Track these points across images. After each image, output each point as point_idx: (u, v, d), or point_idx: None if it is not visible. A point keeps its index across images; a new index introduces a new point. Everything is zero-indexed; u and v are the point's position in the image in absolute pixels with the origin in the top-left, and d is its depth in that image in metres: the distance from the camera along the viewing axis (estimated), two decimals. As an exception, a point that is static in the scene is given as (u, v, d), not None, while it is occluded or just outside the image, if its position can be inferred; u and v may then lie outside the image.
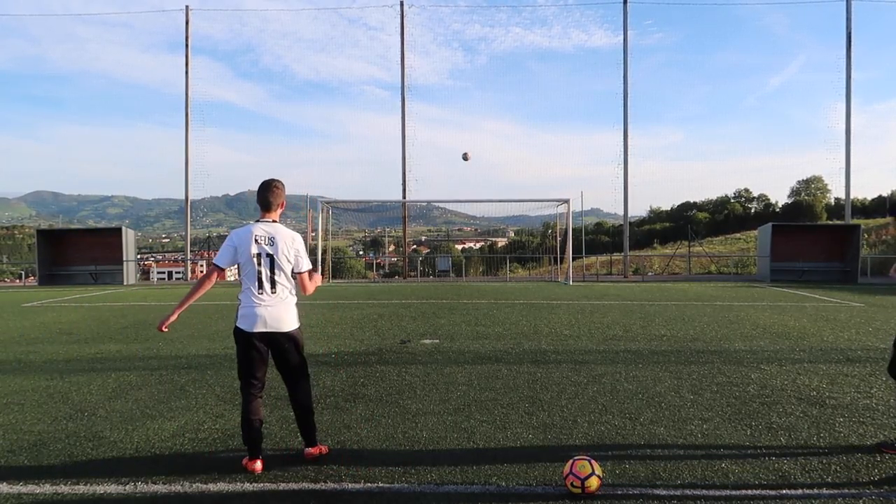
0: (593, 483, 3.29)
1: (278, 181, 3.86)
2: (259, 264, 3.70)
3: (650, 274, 30.21)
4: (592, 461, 3.36)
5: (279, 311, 3.72)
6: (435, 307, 13.00)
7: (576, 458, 3.40)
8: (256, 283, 3.71)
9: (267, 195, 3.80)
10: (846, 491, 3.40)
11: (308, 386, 3.94)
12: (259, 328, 3.69)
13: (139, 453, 4.05)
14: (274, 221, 3.82)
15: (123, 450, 4.12)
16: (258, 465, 3.71)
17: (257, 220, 3.82)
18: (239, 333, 3.76)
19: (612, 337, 8.80)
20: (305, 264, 3.84)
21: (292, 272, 3.79)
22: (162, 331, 3.83)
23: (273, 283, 3.71)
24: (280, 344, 3.78)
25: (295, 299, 3.82)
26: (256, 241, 3.72)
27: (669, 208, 75.55)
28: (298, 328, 3.85)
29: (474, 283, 23.35)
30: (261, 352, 3.76)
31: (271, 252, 3.71)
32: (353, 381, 6.03)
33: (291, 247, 3.75)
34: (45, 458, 3.96)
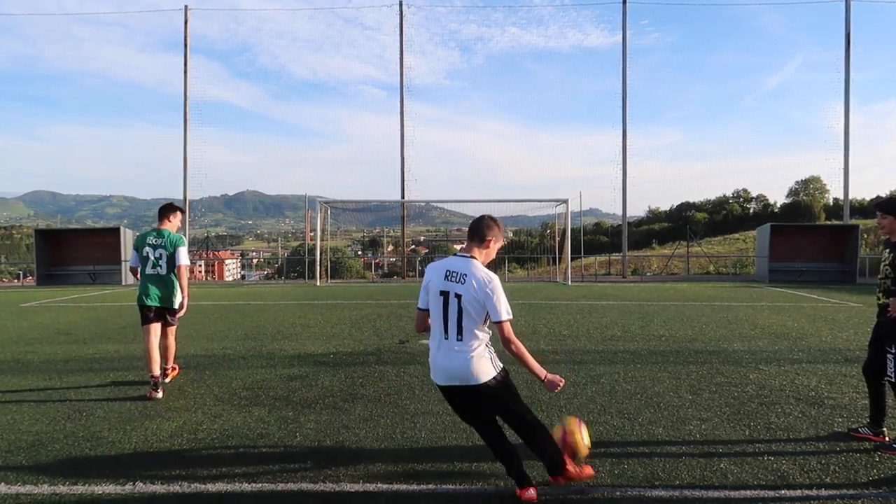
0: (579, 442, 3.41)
1: None
2: None
3: (649, 274, 30.24)
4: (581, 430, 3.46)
5: None
6: (434, 307, 12.97)
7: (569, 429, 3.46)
8: None
9: None
10: (845, 491, 3.41)
11: None
12: None
13: (137, 453, 4.04)
14: None
15: (122, 450, 4.11)
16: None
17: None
18: None
19: (611, 337, 8.80)
20: None
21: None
22: None
23: None
24: None
25: None
26: None
27: (668, 208, 75.84)
28: None
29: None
30: None
31: None
32: (352, 382, 6.02)
33: None
34: (43, 459, 3.95)
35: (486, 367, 3.14)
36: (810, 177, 60.22)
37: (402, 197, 26.50)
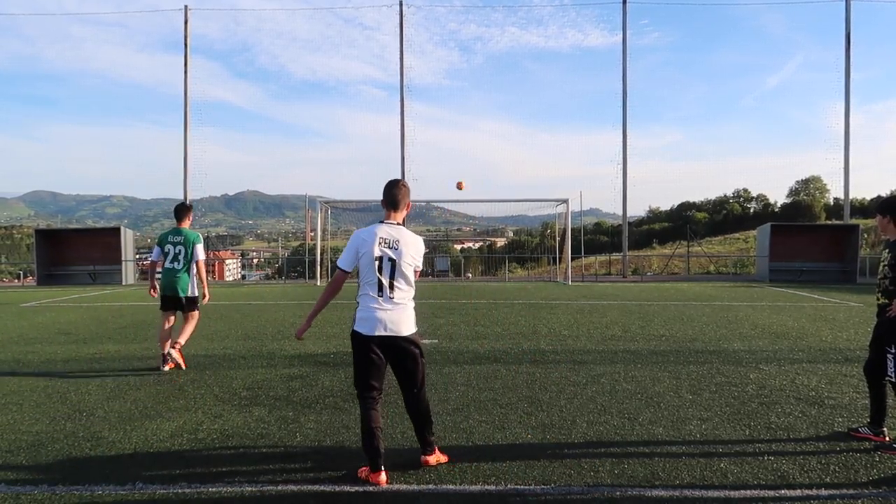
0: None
1: None
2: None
3: (649, 274, 30.24)
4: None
5: None
6: (433, 307, 12.99)
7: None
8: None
9: None
10: (845, 491, 3.40)
11: None
12: None
13: (137, 453, 4.04)
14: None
15: (122, 450, 4.11)
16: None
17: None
18: None
19: (611, 337, 8.80)
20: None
21: None
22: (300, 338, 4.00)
23: None
24: None
25: None
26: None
27: (668, 208, 75.88)
28: None
29: (473, 283, 23.35)
30: None
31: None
32: (352, 382, 6.00)
33: None
34: (43, 459, 3.95)
35: (412, 320, 3.74)
36: (810, 176, 60.15)
37: (403, 197, 26.49)
